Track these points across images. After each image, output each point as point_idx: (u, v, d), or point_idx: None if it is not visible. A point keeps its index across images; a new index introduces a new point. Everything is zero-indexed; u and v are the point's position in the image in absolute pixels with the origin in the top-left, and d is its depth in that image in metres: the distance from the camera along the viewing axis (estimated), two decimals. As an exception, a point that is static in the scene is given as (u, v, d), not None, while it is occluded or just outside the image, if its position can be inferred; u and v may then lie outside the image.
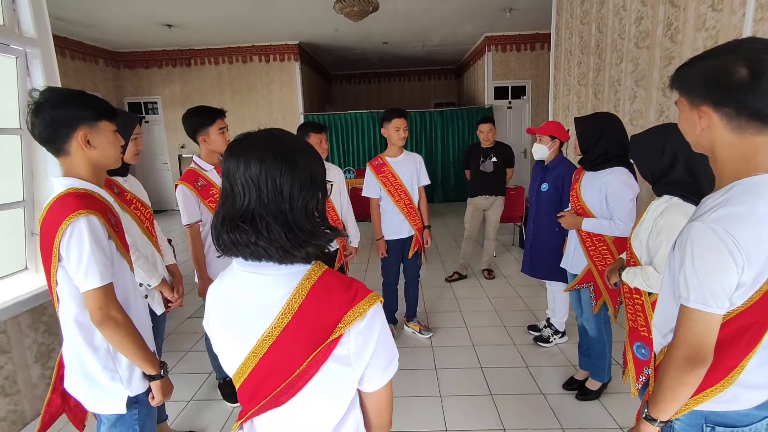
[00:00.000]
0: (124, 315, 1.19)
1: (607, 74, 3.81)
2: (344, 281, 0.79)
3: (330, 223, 0.83)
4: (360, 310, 0.75)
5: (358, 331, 0.76)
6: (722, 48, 0.89)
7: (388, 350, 0.81)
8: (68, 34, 7.38)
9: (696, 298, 0.90)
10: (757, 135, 0.88)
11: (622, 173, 2.03)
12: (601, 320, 2.24)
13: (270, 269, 0.78)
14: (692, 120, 0.95)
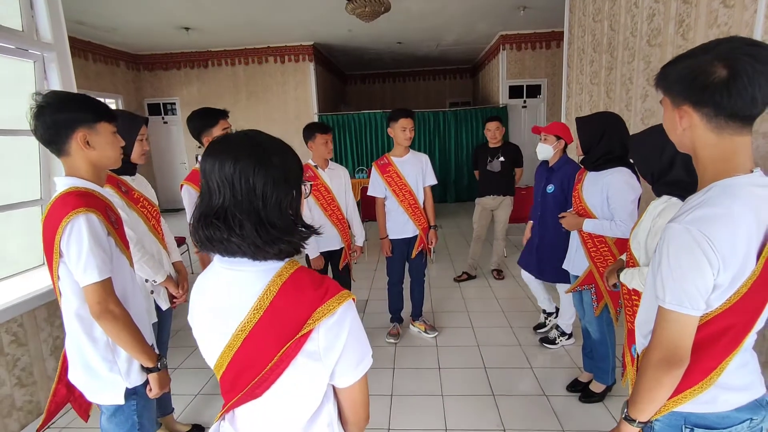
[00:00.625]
0: (122, 309, 1.24)
1: (619, 72, 3.75)
2: (316, 279, 0.81)
3: (304, 221, 0.85)
4: (330, 307, 0.77)
5: (327, 327, 0.78)
6: (701, 47, 0.89)
7: (359, 347, 0.82)
8: (91, 38, 7.61)
9: (671, 299, 0.90)
10: (735, 135, 0.88)
11: (624, 174, 2.01)
12: (603, 322, 2.21)
13: (244, 265, 0.81)
14: (674, 120, 0.95)
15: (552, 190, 2.77)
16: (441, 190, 9.11)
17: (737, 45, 0.84)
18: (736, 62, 0.83)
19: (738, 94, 0.83)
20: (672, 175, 1.46)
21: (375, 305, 3.76)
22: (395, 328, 3.18)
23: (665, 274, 0.91)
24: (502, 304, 3.73)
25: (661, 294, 0.92)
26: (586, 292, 2.23)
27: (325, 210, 2.80)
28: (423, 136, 8.88)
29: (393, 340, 3.10)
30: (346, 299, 0.80)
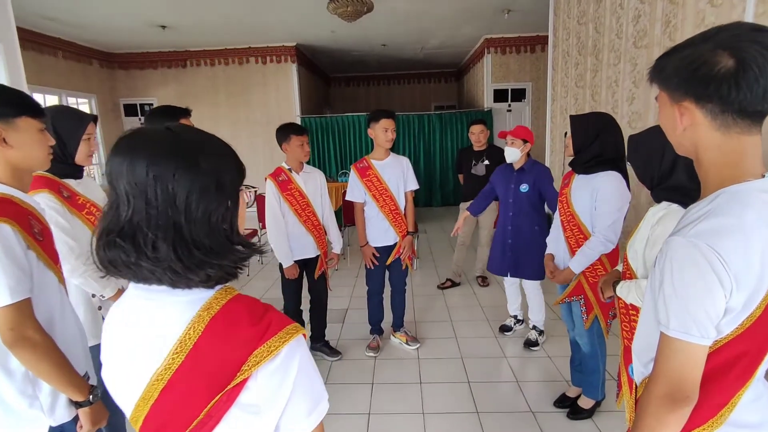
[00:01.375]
0: (43, 335, 1.05)
1: (604, 75, 3.67)
2: (256, 311, 0.65)
3: (242, 237, 0.69)
4: (271, 348, 0.62)
5: (268, 374, 0.62)
6: (701, 36, 0.77)
7: (311, 393, 0.67)
8: (61, 34, 7.30)
9: (676, 326, 0.77)
10: (744, 134, 0.76)
11: (615, 179, 1.89)
12: (594, 334, 2.09)
13: (163, 295, 0.64)
14: (673, 118, 0.82)
15: (526, 190, 2.83)
16: (426, 194, 9.00)
17: (741, 31, 0.73)
18: (743, 51, 0.71)
19: (748, 86, 0.71)
20: (673, 179, 1.34)
21: (355, 315, 3.60)
22: (375, 340, 3.02)
23: (668, 296, 0.78)
24: (486, 313, 3.61)
25: (664, 319, 0.79)
26: (575, 303, 2.10)
27: (300, 216, 2.63)
28: (408, 139, 8.77)
29: (372, 354, 2.94)
30: (294, 336, 0.64)
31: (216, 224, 0.64)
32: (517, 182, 2.89)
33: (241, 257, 0.68)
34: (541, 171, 2.86)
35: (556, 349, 2.95)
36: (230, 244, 0.66)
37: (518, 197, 2.88)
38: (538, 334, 3.02)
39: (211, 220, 0.63)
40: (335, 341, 3.14)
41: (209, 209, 0.62)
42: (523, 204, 2.87)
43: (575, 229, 2.00)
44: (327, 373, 2.74)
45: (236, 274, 0.68)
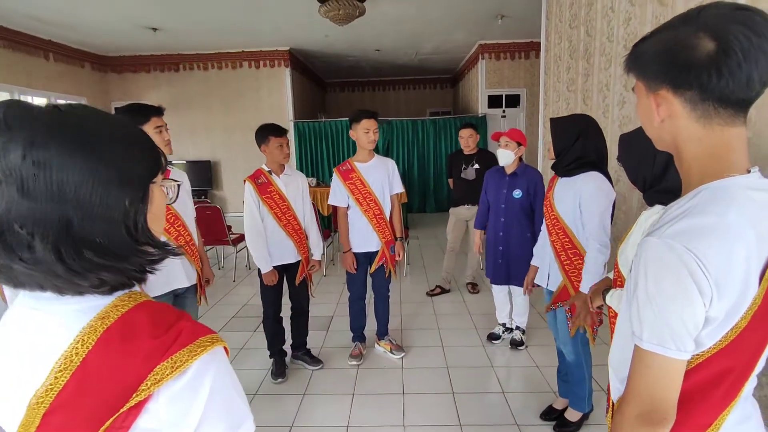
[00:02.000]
0: None
1: (595, 79, 3.62)
2: (163, 321, 0.56)
3: (153, 237, 0.60)
4: (176, 364, 0.53)
5: (173, 394, 0.53)
6: (681, 17, 0.70)
7: (228, 418, 0.58)
8: (51, 36, 7.23)
9: (650, 338, 0.69)
10: (727, 126, 0.69)
11: (597, 179, 1.83)
12: (579, 343, 2.00)
13: (51, 303, 0.55)
14: (649, 109, 0.75)
15: (520, 196, 2.77)
16: (420, 199, 8.93)
17: (725, 11, 0.66)
18: (725, 33, 0.64)
19: (730, 72, 0.64)
20: (666, 181, 1.26)
21: (340, 322, 3.49)
22: (357, 348, 2.92)
23: (642, 304, 0.70)
24: (475, 321, 3.52)
25: (637, 330, 0.71)
26: (560, 309, 2.02)
27: (280, 219, 2.55)
28: (401, 144, 8.71)
29: (355, 362, 2.84)
30: (207, 349, 0.56)
31: (117, 222, 0.55)
32: (509, 187, 2.84)
33: (150, 260, 0.59)
34: (535, 177, 2.82)
35: (545, 358, 2.86)
36: (135, 244, 0.57)
37: (511, 203, 2.83)
38: (522, 333, 3.05)
39: (110, 216, 0.54)
40: (318, 349, 3.05)
41: (108, 204, 0.54)
42: (516, 210, 2.82)
43: (560, 233, 1.93)
44: (307, 383, 2.64)
45: (142, 279, 0.60)
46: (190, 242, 2.14)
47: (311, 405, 2.43)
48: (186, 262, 2.12)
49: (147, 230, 0.59)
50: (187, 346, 0.54)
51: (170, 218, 2.03)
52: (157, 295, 2.02)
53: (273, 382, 2.64)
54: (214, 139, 8.84)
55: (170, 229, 2.03)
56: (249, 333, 3.34)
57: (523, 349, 3.00)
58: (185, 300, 2.21)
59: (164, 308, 0.59)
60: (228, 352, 0.62)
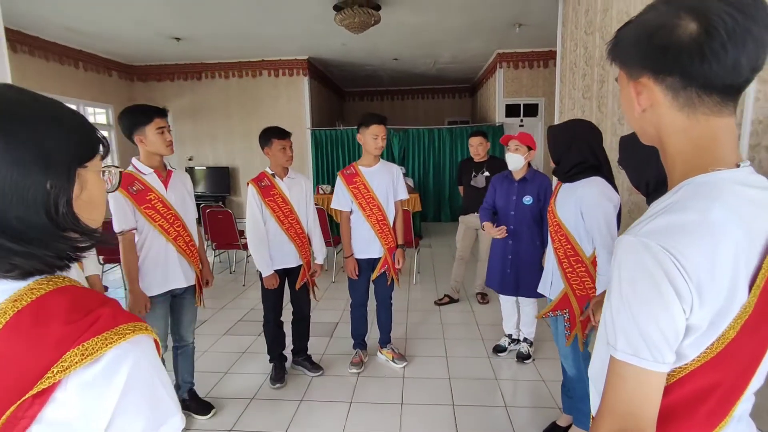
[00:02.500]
0: None
1: (611, 85, 3.52)
2: (82, 306, 0.54)
3: (79, 223, 0.58)
4: (88, 351, 0.51)
5: (83, 384, 0.51)
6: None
7: (149, 413, 0.55)
8: (83, 46, 7.54)
9: (624, 347, 0.63)
10: (713, 116, 0.63)
11: (598, 184, 1.76)
12: (579, 356, 1.91)
13: None
14: (630, 98, 0.70)
15: (530, 202, 2.70)
16: (435, 208, 8.86)
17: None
18: (708, 12, 0.59)
19: (714, 55, 0.58)
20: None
21: (344, 329, 3.44)
22: (358, 356, 2.87)
23: (615, 309, 0.64)
24: (483, 332, 3.43)
25: (611, 338, 0.65)
26: (559, 318, 1.93)
27: (282, 223, 2.54)
28: (417, 153, 8.69)
29: (355, 370, 2.79)
30: (126, 337, 0.53)
31: (36, 205, 0.53)
32: (519, 194, 2.77)
33: (75, 246, 0.58)
34: (545, 182, 2.75)
35: (552, 372, 2.75)
36: (57, 230, 0.56)
37: (521, 210, 2.76)
38: (529, 346, 2.96)
39: (28, 199, 0.53)
40: (320, 356, 3.02)
41: (26, 186, 0.52)
42: (526, 217, 2.75)
43: (563, 240, 1.85)
44: (305, 390, 2.61)
45: (64, 266, 0.58)
46: (190, 243, 2.15)
47: (307, 412, 2.39)
48: (185, 262, 2.13)
49: (72, 216, 0.57)
50: (102, 333, 0.52)
51: (169, 218, 2.05)
52: (154, 295, 2.04)
53: (271, 387, 2.62)
54: (233, 146, 9.00)
55: (169, 229, 2.04)
56: (252, 337, 3.34)
57: (529, 363, 2.90)
58: (183, 301, 2.21)
59: (88, 294, 0.57)
60: (158, 345, 0.59)
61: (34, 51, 6.70)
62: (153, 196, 2.01)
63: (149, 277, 2.03)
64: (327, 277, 4.98)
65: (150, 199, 2.00)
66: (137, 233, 2.02)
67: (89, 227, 0.59)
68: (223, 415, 2.36)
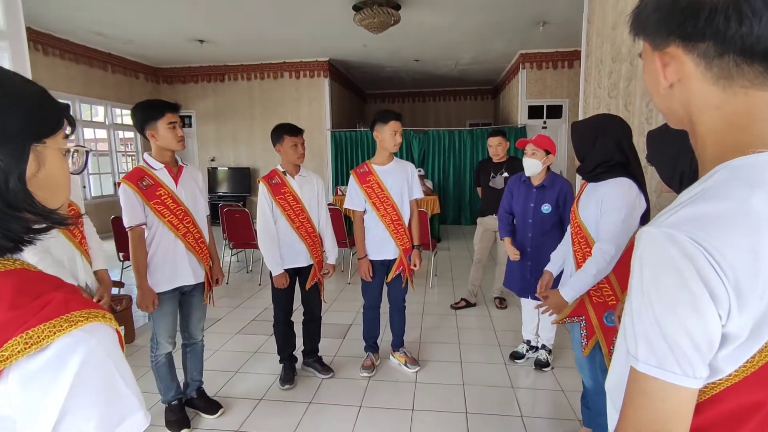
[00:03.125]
0: None
1: (639, 82, 3.36)
2: (32, 290, 0.49)
3: (34, 201, 0.53)
4: (33, 339, 0.46)
5: (27, 375, 0.46)
6: None
7: (105, 407, 0.49)
8: (111, 49, 7.76)
9: (647, 357, 0.54)
10: (753, 88, 0.53)
11: (622, 185, 1.63)
12: (597, 367, 1.79)
13: None
14: (655, 72, 0.61)
15: (549, 211, 2.59)
16: (455, 211, 8.73)
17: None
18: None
19: (754, 12, 0.49)
20: None
21: (357, 331, 3.36)
22: (369, 359, 2.80)
23: (637, 312, 0.55)
24: (500, 337, 3.31)
25: (632, 346, 0.56)
26: (574, 325, 1.81)
27: (293, 221, 2.50)
28: (437, 155, 8.58)
29: (366, 374, 2.72)
30: (79, 324, 0.48)
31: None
32: (537, 201, 2.65)
33: (29, 227, 0.53)
34: (565, 187, 2.63)
35: (572, 381, 2.62)
36: (8, 208, 0.51)
37: (539, 218, 2.65)
38: (548, 353, 2.84)
39: None
40: (331, 357, 2.96)
41: None
42: (545, 224, 2.65)
43: (582, 242, 1.74)
44: (314, 392, 2.56)
45: (15, 248, 0.53)
46: (200, 240, 2.13)
47: (316, 415, 2.34)
48: (194, 259, 2.11)
49: (25, 194, 0.52)
50: (51, 320, 0.47)
51: (179, 214, 2.03)
52: (162, 291, 2.02)
53: (281, 388, 2.57)
54: (254, 147, 9.10)
55: (179, 225, 2.03)
56: (265, 337, 3.31)
57: (548, 371, 2.77)
58: (192, 299, 2.19)
59: (40, 278, 0.52)
60: (121, 336, 0.54)
61: (65, 54, 6.92)
62: (163, 192, 2.00)
63: (158, 274, 2.01)
64: (342, 278, 4.94)
65: (160, 194, 1.99)
66: (146, 229, 2.01)
67: (46, 208, 0.54)
68: (230, 415, 2.33)
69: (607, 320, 1.66)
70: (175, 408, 2.23)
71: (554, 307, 1.79)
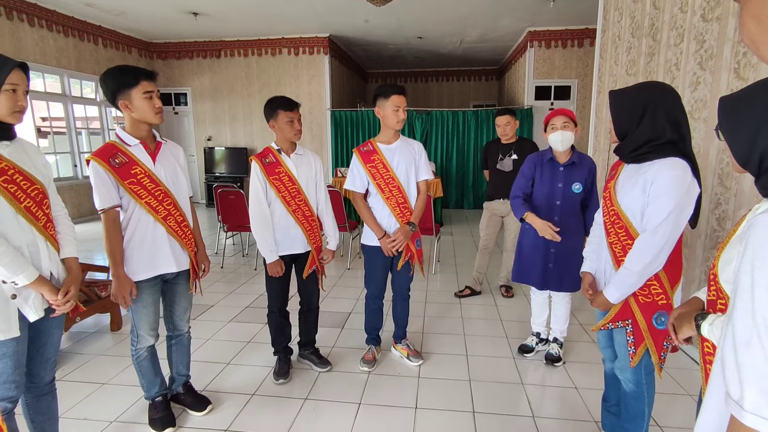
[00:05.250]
0: None
1: (662, 58, 3.12)
2: None
3: None
4: None
5: None
6: None
7: None
8: (102, 22, 7.42)
9: (758, 405, 0.40)
10: None
11: (676, 166, 1.38)
12: (642, 371, 1.58)
13: None
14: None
15: (580, 190, 2.37)
16: (458, 195, 8.52)
17: None
18: None
19: None
20: None
21: (357, 321, 3.23)
22: (370, 352, 2.63)
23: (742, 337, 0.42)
24: (507, 328, 3.14)
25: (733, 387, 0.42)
26: (618, 330, 1.60)
27: (288, 204, 2.29)
28: (440, 136, 8.32)
29: (367, 368, 2.55)
30: None
31: None
32: (566, 180, 2.39)
33: None
34: (592, 165, 2.43)
35: (586, 378, 2.46)
36: None
37: (569, 199, 2.41)
38: (559, 347, 2.67)
39: None
40: (328, 349, 2.79)
41: None
42: (575, 206, 2.43)
43: (621, 232, 1.51)
44: (311, 387, 2.39)
45: None
46: (182, 223, 1.92)
47: (312, 412, 2.17)
48: (176, 245, 1.91)
49: None
50: None
51: (158, 195, 1.82)
52: (140, 280, 1.83)
53: (275, 383, 2.41)
54: (252, 127, 8.84)
55: (158, 207, 1.82)
56: (260, 325, 3.14)
57: (560, 366, 2.61)
58: (176, 287, 2.00)
59: None
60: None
61: (52, 25, 6.59)
62: (138, 170, 1.78)
63: (135, 261, 1.81)
64: (342, 263, 4.76)
65: (135, 173, 1.78)
66: (122, 211, 1.80)
67: None
68: (220, 412, 2.17)
69: (658, 322, 1.45)
70: (159, 405, 2.06)
71: (600, 306, 1.60)
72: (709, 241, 2.63)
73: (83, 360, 2.68)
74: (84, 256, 4.82)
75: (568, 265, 2.43)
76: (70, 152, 7.15)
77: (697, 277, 2.70)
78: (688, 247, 2.77)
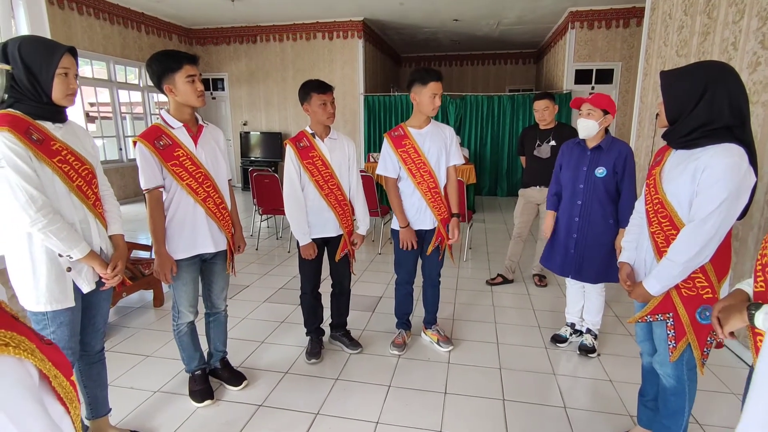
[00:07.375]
0: None
1: (718, 37, 2.92)
2: None
3: None
4: None
5: None
6: None
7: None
8: (145, 9, 7.65)
9: None
10: None
11: (732, 153, 1.29)
12: (683, 366, 1.51)
13: None
14: None
15: (603, 174, 2.30)
16: (491, 182, 8.37)
17: None
18: None
19: None
20: None
21: (388, 305, 3.25)
22: (401, 336, 2.65)
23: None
24: (539, 318, 3.09)
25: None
26: (658, 323, 1.53)
27: (321, 188, 2.32)
28: (474, 121, 8.16)
29: (397, 352, 2.58)
30: None
31: None
32: (591, 164, 2.35)
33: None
34: (625, 151, 2.31)
35: (621, 371, 2.40)
36: None
37: (592, 183, 2.35)
38: (593, 338, 2.62)
39: None
40: (359, 332, 2.84)
41: None
42: (598, 191, 2.35)
43: (665, 222, 1.44)
44: (342, 368, 2.44)
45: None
46: (221, 205, 1.98)
47: (343, 392, 2.22)
48: (214, 226, 1.97)
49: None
50: None
51: (199, 177, 1.88)
52: (180, 258, 1.90)
53: (307, 362, 2.47)
54: (287, 112, 8.94)
55: (198, 189, 1.88)
56: (293, 306, 3.22)
57: (594, 357, 2.55)
58: (214, 266, 2.08)
59: None
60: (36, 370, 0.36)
61: (99, 13, 6.84)
62: (181, 152, 1.84)
63: (175, 240, 1.89)
64: (373, 248, 4.79)
65: (178, 155, 1.84)
66: (164, 192, 1.87)
67: None
68: (255, 388, 2.25)
69: (701, 317, 1.39)
70: (199, 378, 2.16)
71: (639, 297, 1.54)
72: (762, 234, 2.48)
73: (129, 333, 2.84)
74: (128, 236, 5.05)
75: (589, 253, 2.39)
76: (116, 136, 7.47)
77: (748, 271, 2.56)
78: (739, 240, 2.62)
